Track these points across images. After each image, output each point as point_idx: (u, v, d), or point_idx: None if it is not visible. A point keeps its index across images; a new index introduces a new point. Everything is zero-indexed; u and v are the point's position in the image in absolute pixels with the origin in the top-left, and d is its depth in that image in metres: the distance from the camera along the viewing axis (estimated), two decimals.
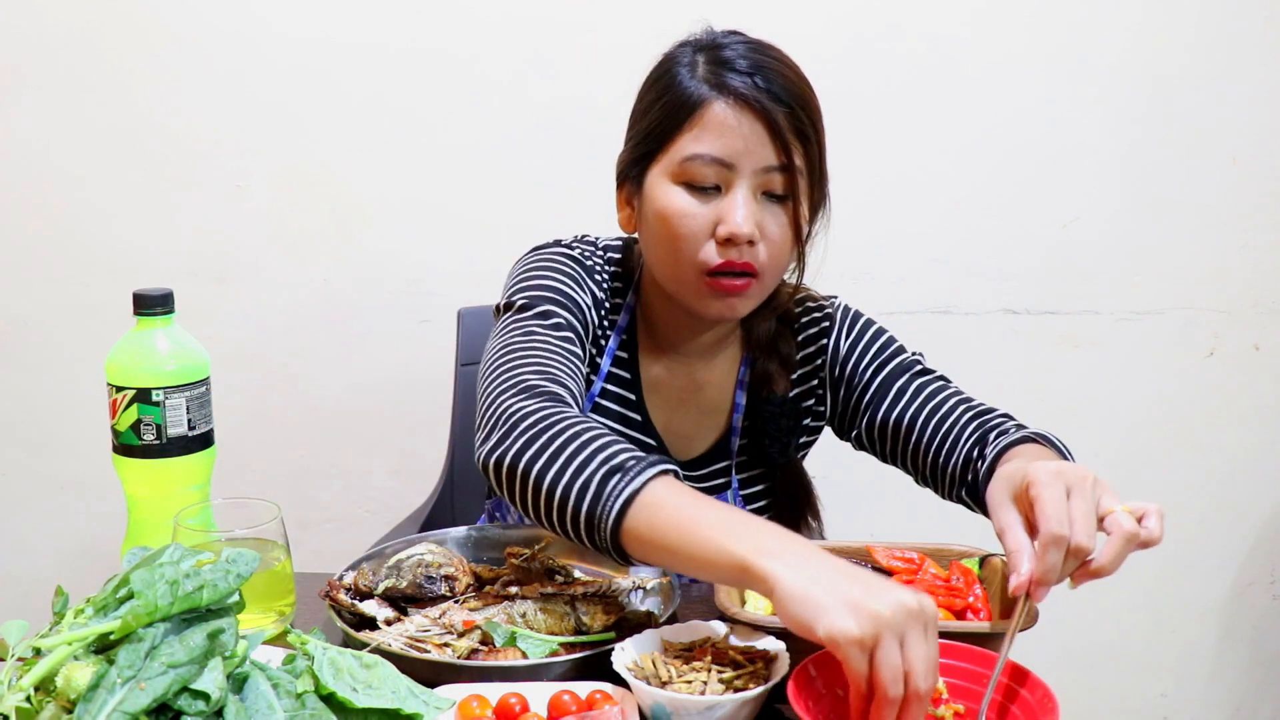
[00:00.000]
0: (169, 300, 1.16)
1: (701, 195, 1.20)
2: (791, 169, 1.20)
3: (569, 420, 1.06)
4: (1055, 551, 0.96)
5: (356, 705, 0.84)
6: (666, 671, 0.96)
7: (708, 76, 1.21)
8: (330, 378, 2.06)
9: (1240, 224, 2.06)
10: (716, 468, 1.39)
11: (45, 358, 2.08)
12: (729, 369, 1.39)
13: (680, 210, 1.20)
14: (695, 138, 1.20)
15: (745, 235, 1.18)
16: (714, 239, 1.20)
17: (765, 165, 1.19)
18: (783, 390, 1.36)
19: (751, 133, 1.19)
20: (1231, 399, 2.12)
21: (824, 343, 1.40)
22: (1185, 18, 1.97)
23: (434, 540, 1.24)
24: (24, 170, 2.01)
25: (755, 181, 1.20)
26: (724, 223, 1.19)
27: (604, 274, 1.35)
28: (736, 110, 1.19)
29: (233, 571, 0.84)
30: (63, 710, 0.77)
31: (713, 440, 1.39)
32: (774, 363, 1.36)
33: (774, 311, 1.36)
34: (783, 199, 1.22)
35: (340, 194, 2.01)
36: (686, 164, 1.20)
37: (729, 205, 1.19)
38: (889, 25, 1.96)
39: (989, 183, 2.03)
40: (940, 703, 0.94)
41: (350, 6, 1.94)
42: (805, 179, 1.22)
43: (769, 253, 1.22)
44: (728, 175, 1.19)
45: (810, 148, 1.22)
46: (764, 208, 1.21)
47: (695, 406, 1.38)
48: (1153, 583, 2.18)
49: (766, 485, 1.41)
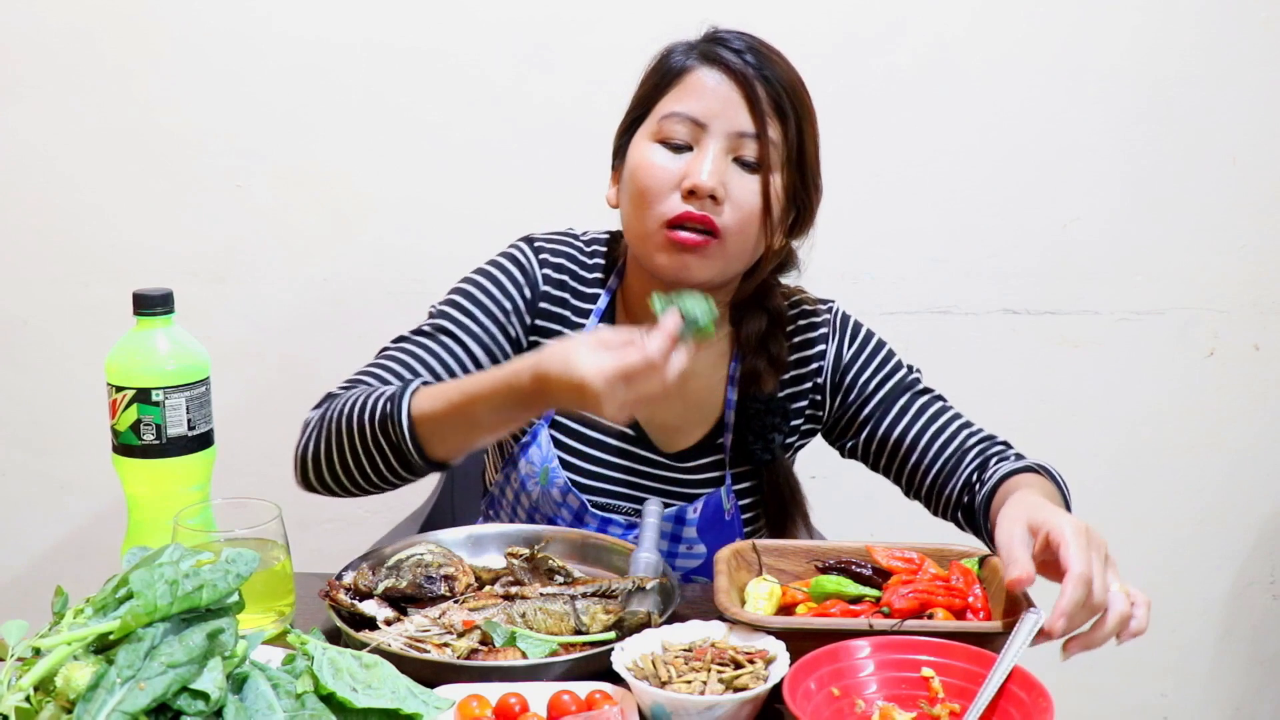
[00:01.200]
0: (169, 300, 1.16)
1: (674, 151, 1.25)
2: (765, 138, 1.23)
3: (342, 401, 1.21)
4: (1080, 589, 0.96)
5: (356, 705, 0.84)
6: (666, 671, 0.96)
7: (699, 50, 1.27)
8: (330, 378, 2.04)
9: (1240, 224, 2.06)
10: (706, 461, 1.39)
11: (45, 358, 2.08)
12: (717, 363, 1.39)
13: (651, 163, 1.25)
14: (675, 98, 1.26)
15: (707, 187, 1.21)
16: (678, 192, 1.23)
17: (739, 130, 1.23)
18: (770, 389, 1.36)
19: (730, 97, 1.23)
20: (1231, 399, 2.12)
21: (822, 349, 1.40)
22: (1185, 18, 1.97)
23: (434, 540, 1.23)
24: (24, 170, 2.01)
25: (727, 143, 1.23)
26: (689, 176, 1.22)
27: (578, 264, 1.38)
28: (719, 74, 1.24)
29: (232, 571, 0.84)
30: (62, 710, 0.77)
31: (701, 435, 1.39)
32: (763, 361, 1.36)
33: (765, 310, 1.37)
34: (755, 167, 1.24)
35: (340, 193, 2.01)
36: (663, 122, 1.25)
37: (696, 159, 1.23)
38: (889, 25, 1.96)
39: (989, 183, 2.03)
40: (936, 702, 0.94)
41: (350, 6, 1.94)
42: (781, 153, 1.25)
43: (734, 217, 1.23)
44: (700, 134, 1.24)
45: (789, 126, 1.25)
46: (734, 171, 1.24)
47: (680, 399, 1.37)
48: (1153, 583, 2.17)
49: (756, 483, 1.41)
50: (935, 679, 0.96)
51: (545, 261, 1.36)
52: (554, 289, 1.36)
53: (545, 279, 1.36)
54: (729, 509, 1.37)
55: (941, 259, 2.05)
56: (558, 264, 1.37)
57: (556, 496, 1.36)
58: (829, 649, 0.97)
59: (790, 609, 1.11)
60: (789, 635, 1.00)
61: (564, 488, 1.35)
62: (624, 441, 1.37)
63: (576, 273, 1.38)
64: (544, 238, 1.39)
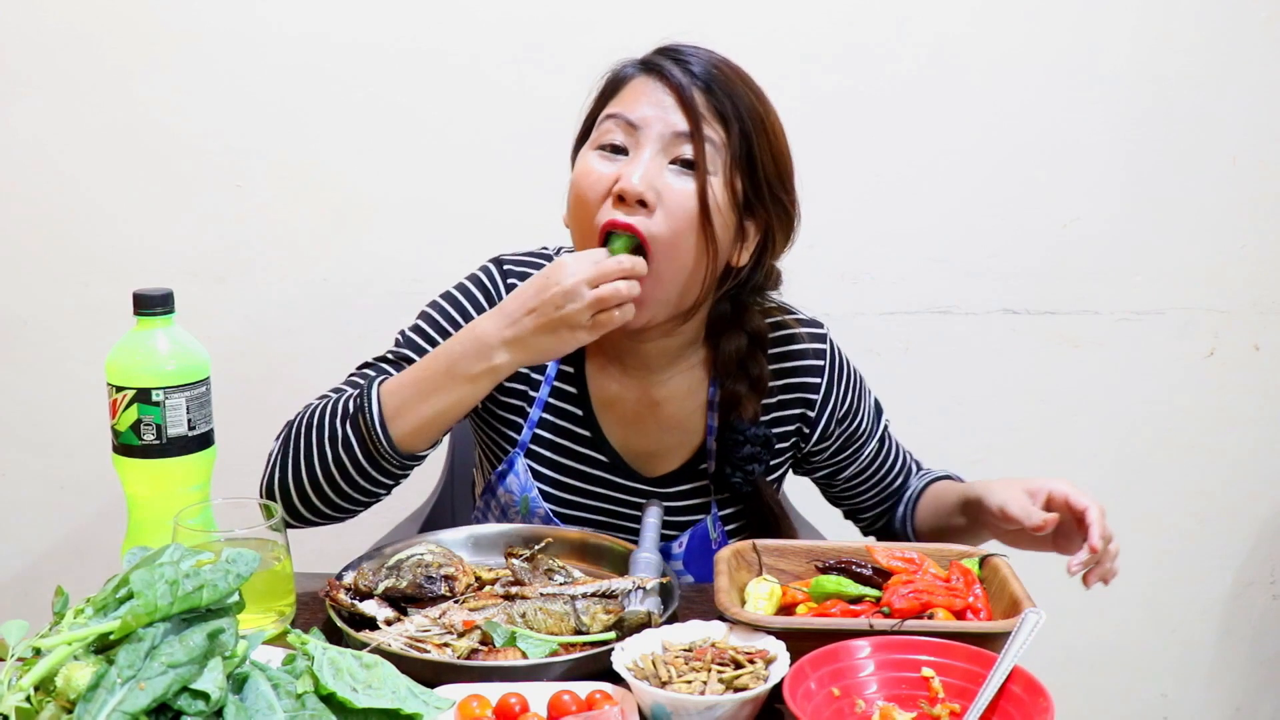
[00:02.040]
0: (169, 300, 1.16)
1: (610, 156, 1.22)
2: (699, 136, 1.19)
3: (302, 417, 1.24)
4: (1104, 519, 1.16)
5: (356, 705, 0.84)
6: (666, 671, 0.96)
7: (643, 61, 1.26)
8: (330, 378, 2.05)
9: (1240, 224, 2.06)
10: (689, 488, 1.36)
11: (45, 358, 2.08)
12: (693, 387, 1.35)
13: (587, 170, 1.22)
14: (613, 105, 1.24)
15: (635, 191, 1.17)
16: (612, 198, 1.19)
17: (674, 130, 1.20)
18: (751, 415, 1.32)
19: (664, 100, 1.21)
20: (1231, 399, 2.12)
21: (815, 381, 1.37)
22: (1185, 18, 1.97)
23: (434, 540, 1.24)
24: (24, 170, 2.01)
25: (663, 145, 1.20)
26: (620, 180, 1.19)
27: None
28: (654, 82, 1.22)
29: (233, 571, 0.84)
30: (62, 710, 0.77)
31: (682, 460, 1.36)
32: (743, 385, 1.32)
33: (743, 330, 1.32)
34: (691, 168, 1.19)
35: (340, 193, 2.01)
36: (601, 126, 1.24)
37: (629, 164, 1.20)
38: (890, 26, 1.96)
39: (989, 183, 2.03)
40: (936, 702, 0.94)
41: (350, 6, 1.94)
42: (723, 156, 1.20)
43: (667, 224, 1.18)
44: (635, 137, 1.21)
45: (731, 129, 1.20)
46: (670, 173, 1.19)
47: (656, 424, 1.35)
48: (1153, 583, 2.18)
49: (741, 508, 1.38)
50: (935, 679, 0.96)
51: (512, 287, 1.32)
52: None
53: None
54: (715, 538, 1.35)
55: (941, 259, 2.05)
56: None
57: (537, 524, 1.34)
58: (829, 649, 0.97)
59: (790, 609, 1.11)
60: (789, 635, 1.00)
61: (545, 518, 1.34)
62: (603, 470, 1.35)
63: None
64: (513, 259, 1.36)
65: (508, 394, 1.35)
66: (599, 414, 1.35)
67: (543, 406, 1.34)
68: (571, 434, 1.35)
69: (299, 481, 1.22)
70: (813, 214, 2.07)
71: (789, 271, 1.50)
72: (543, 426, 1.35)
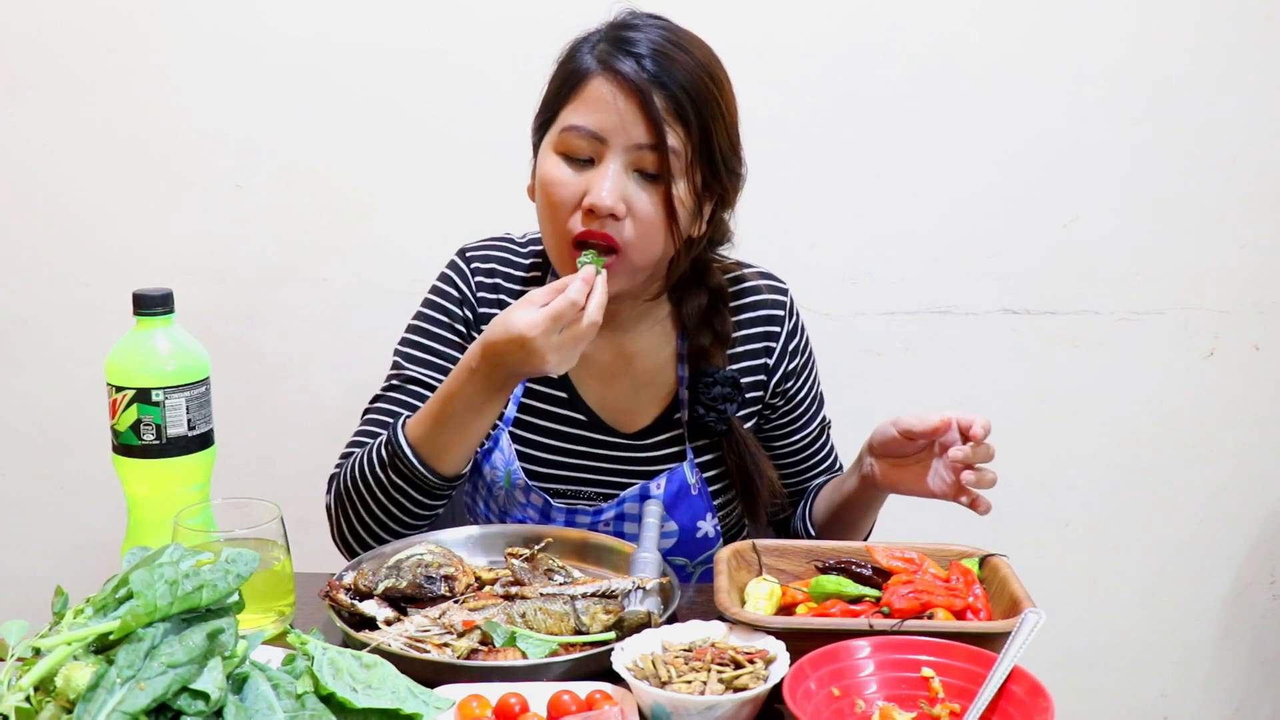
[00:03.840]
0: (169, 300, 1.16)
1: (576, 166, 1.26)
2: (663, 148, 1.22)
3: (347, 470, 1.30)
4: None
5: (356, 705, 0.84)
6: (666, 671, 0.96)
7: (600, 55, 1.26)
8: (330, 378, 2.06)
9: (1240, 224, 2.06)
10: (664, 438, 1.41)
11: (45, 358, 2.08)
12: (662, 341, 1.41)
13: (554, 179, 1.26)
14: (574, 110, 1.26)
15: (606, 207, 1.22)
16: (581, 209, 1.24)
17: (637, 142, 1.23)
18: (720, 363, 1.38)
19: (626, 110, 1.23)
20: (1231, 399, 2.12)
21: (776, 330, 1.43)
22: (1185, 19, 1.97)
23: (434, 540, 1.24)
24: (24, 170, 2.01)
25: (627, 158, 1.24)
26: (589, 193, 1.23)
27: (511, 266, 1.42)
28: (614, 87, 1.23)
29: (232, 571, 0.84)
30: (62, 710, 0.77)
31: (656, 414, 1.41)
32: (708, 337, 1.38)
33: (703, 288, 1.39)
34: (655, 179, 1.24)
35: (340, 193, 2.01)
36: (564, 134, 1.26)
37: (596, 177, 1.24)
38: (889, 26, 1.96)
39: (989, 183, 2.02)
40: (936, 702, 0.94)
41: (350, 6, 1.94)
42: (683, 160, 1.24)
43: (637, 230, 1.24)
44: (600, 149, 1.24)
45: (691, 130, 1.24)
46: (635, 185, 1.24)
47: (629, 379, 1.40)
48: (1153, 583, 2.18)
49: (718, 455, 1.42)
50: (935, 679, 0.96)
51: (476, 270, 1.41)
52: (488, 294, 1.40)
53: (479, 286, 1.40)
54: (694, 483, 1.39)
55: (941, 259, 2.04)
56: (488, 269, 1.41)
57: (519, 496, 1.38)
58: (829, 649, 0.97)
59: (790, 609, 1.11)
60: (789, 635, 1.01)
61: (525, 487, 1.38)
62: (581, 429, 1.40)
63: (509, 274, 1.41)
64: (474, 246, 1.44)
65: None
66: (573, 373, 1.40)
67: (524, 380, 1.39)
68: (550, 397, 1.40)
69: (368, 529, 1.29)
70: (813, 214, 2.08)
71: (789, 271, 1.51)
72: (525, 395, 1.40)
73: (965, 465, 1.23)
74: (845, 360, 1.48)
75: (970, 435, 1.22)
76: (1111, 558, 2.15)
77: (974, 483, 1.23)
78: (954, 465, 1.24)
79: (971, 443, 1.22)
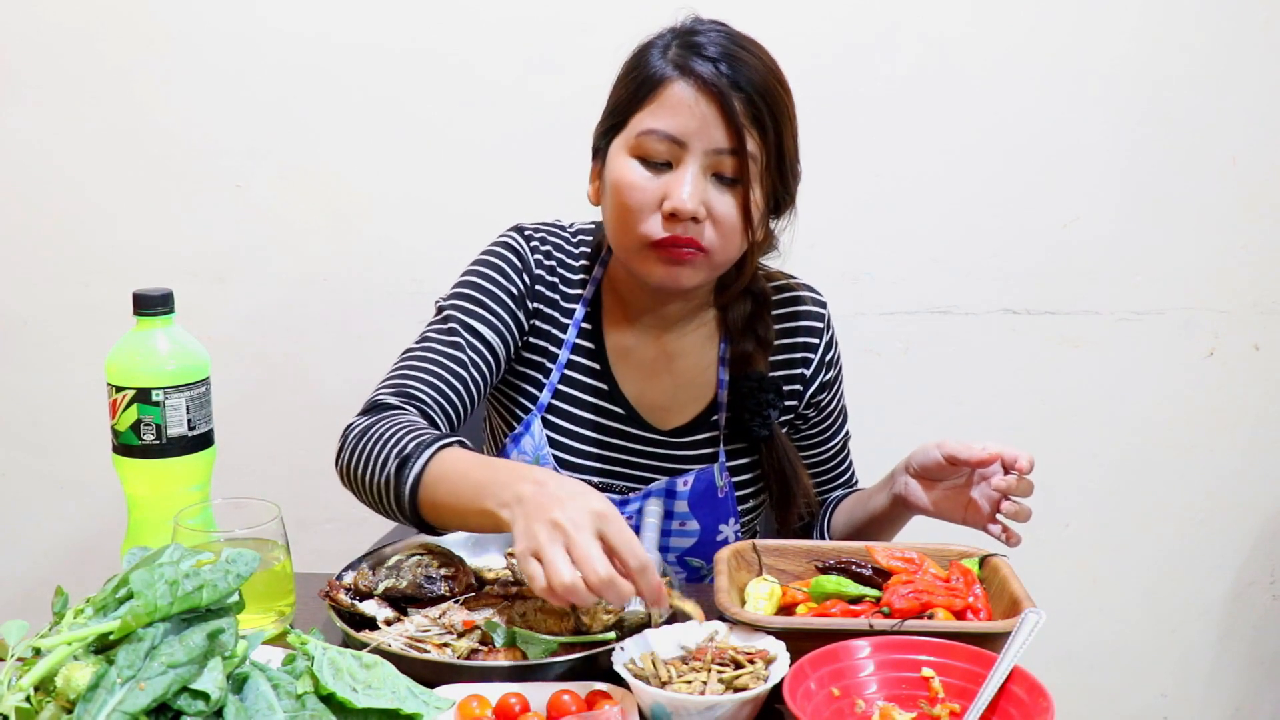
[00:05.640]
0: (169, 300, 1.16)
1: (653, 169, 1.24)
2: (743, 153, 1.22)
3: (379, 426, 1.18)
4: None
5: (356, 705, 0.84)
6: (666, 671, 0.96)
7: (675, 58, 1.25)
8: (330, 377, 2.06)
9: (1240, 224, 2.06)
10: (699, 438, 1.40)
11: (45, 358, 2.08)
12: (706, 343, 1.41)
13: (631, 182, 1.24)
14: (652, 113, 1.24)
15: (689, 211, 1.21)
16: (660, 213, 1.23)
17: (716, 147, 1.22)
18: (762, 368, 1.38)
19: (706, 114, 1.22)
20: (1231, 399, 2.12)
21: (814, 341, 1.43)
22: (1185, 18, 1.97)
23: (434, 540, 1.24)
24: (24, 170, 2.01)
25: (706, 161, 1.23)
26: (670, 198, 1.22)
27: (565, 254, 1.40)
28: (694, 91, 1.22)
29: (233, 571, 0.84)
30: (62, 710, 0.77)
31: (695, 413, 1.41)
32: (751, 343, 1.38)
33: (748, 294, 1.39)
34: (733, 183, 1.24)
35: (340, 193, 2.01)
36: (642, 138, 1.24)
37: (676, 181, 1.22)
38: (889, 26, 1.96)
39: (989, 183, 2.02)
40: (936, 702, 0.94)
41: (350, 6, 1.94)
42: (759, 165, 1.24)
43: (716, 233, 1.24)
44: (679, 152, 1.23)
45: (767, 136, 1.24)
46: (713, 188, 1.24)
47: (670, 378, 1.40)
48: (1153, 583, 2.18)
49: (753, 459, 1.42)
50: (935, 679, 0.96)
51: (536, 249, 1.39)
52: (547, 274, 1.39)
53: (538, 264, 1.38)
54: (722, 486, 1.39)
55: (941, 259, 2.05)
56: (547, 251, 1.40)
57: None
58: (829, 649, 0.97)
59: (790, 609, 1.11)
60: (789, 635, 1.01)
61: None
62: (618, 421, 1.39)
63: (565, 261, 1.40)
64: (533, 227, 1.41)
65: (529, 359, 1.39)
66: (614, 366, 1.39)
67: (563, 366, 1.38)
68: (589, 387, 1.39)
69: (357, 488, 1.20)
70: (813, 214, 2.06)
71: (789, 271, 1.51)
72: (562, 383, 1.39)
73: (1005, 496, 1.22)
74: (845, 360, 1.48)
75: (1016, 468, 1.20)
76: (1111, 558, 2.15)
77: (1012, 515, 1.22)
78: (993, 495, 1.23)
79: (1015, 474, 1.21)
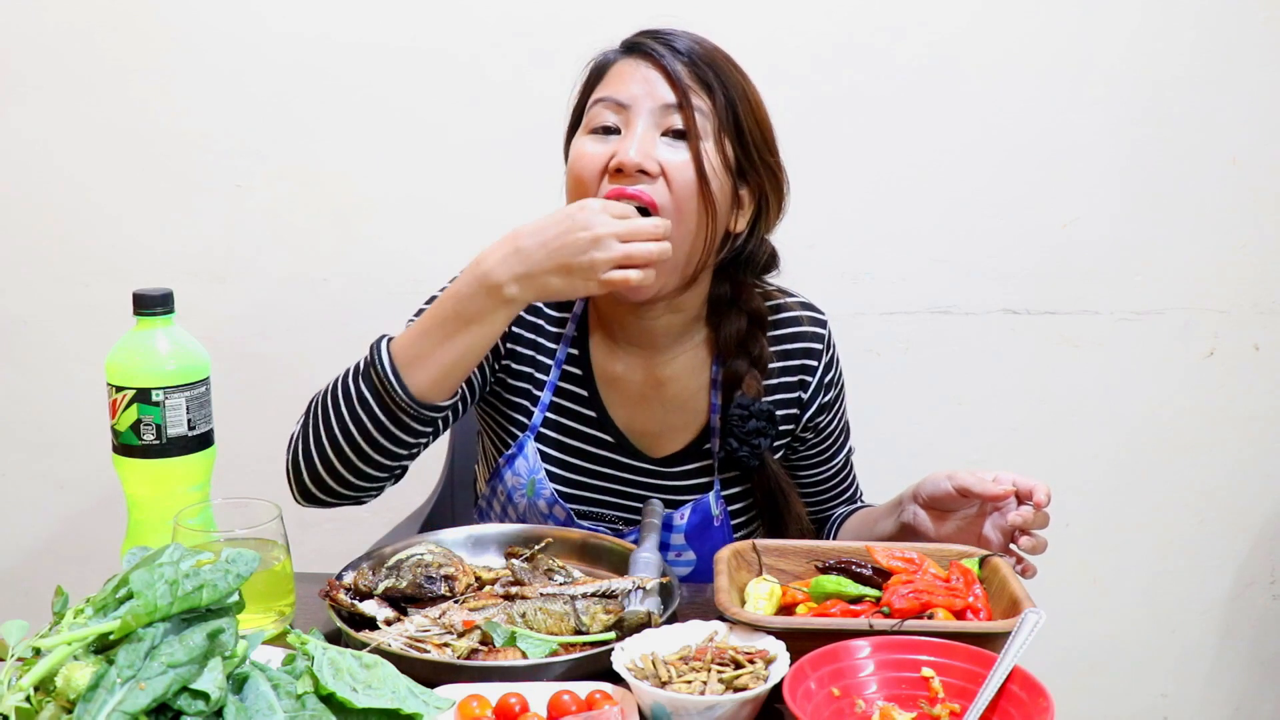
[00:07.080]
0: (169, 300, 1.16)
1: (602, 136, 1.25)
2: (689, 107, 1.22)
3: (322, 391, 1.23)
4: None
5: (356, 705, 0.84)
6: (666, 671, 0.96)
7: (623, 46, 1.29)
8: (330, 378, 2.06)
9: (1240, 224, 2.06)
10: (693, 467, 1.38)
11: (45, 358, 2.08)
12: (696, 367, 1.38)
13: (581, 153, 1.25)
14: (600, 90, 1.27)
15: (633, 162, 1.20)
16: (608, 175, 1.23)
17: (663, 103, 1.23)
18: (754, 393, 1.34)
19: (649, 75, 1.24)
20: (1231, 399, 2.12)
21: (814, 364, 1.40)
22: (1185, 18, 1.97)
23: (434, 540, 1.24)
24: (24, 170, 2.01)
25: (653, 119, 1.23)
26: (616, 155, 1.22)
27: None
28: (637, 60, 1.25)
29: (232, 571, 0.84)
30: (62, 710, 0.77)
31: (687, 441, 1.38)
32: (744, 363, 1.34)
33: (743, 312, 1.35)
34: (683, 135, 1.23)
35: (340, 193, 2.01)
36: (591, 112, 1.26)
37: (623, 139, 1.23)
38: (889, 26, 1.96)
39: (989, 183, 2.03)
40: (936, 702, 0.94)
41: (350, 6, 1.94)
42: (712, 122, 1.24)
43: (669, 191, 1.22)
44: (626, 115, 1.24)
45: (715, 95, 1.24)
46: (664, 145, 1.23)
47: (660, 404, 1.37)
48: (1153, 583, 2.18)
49: (746, 487, 1.40)
50: (935, 679, 0.96)
51: None
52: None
53: None
54: (718, 515, 1.37)
55: (941, 259, 2.05)
56: None
57: (543, 508, 1.36)
58: (829, 649, 0.97)
59: (790, 609, 1.11)
60: (789, 635, 1.00)
61: (550, 499, 1.35)
62: (608, 450, 1.37)
63: None
64: None
65: (517, 378, 1.37)
66: (604, 394, 1.37)
67: (553, 390, 1.37)
68: (577, 415, 1.37)
69: (321, 450, 1.21)
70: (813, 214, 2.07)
71: (789, 271, 1.51)
72: (552, 410, 1.37)
73: (1022, 530, 1.20)
74: (845, 360, 1.48)
75: (1034, 501, 1.19)
76: (1111, 558, 2.15)
77: (1029, 549, 1.21)
78: (1006, 527, 1.21)
79: (1032, 507, 1.19)
